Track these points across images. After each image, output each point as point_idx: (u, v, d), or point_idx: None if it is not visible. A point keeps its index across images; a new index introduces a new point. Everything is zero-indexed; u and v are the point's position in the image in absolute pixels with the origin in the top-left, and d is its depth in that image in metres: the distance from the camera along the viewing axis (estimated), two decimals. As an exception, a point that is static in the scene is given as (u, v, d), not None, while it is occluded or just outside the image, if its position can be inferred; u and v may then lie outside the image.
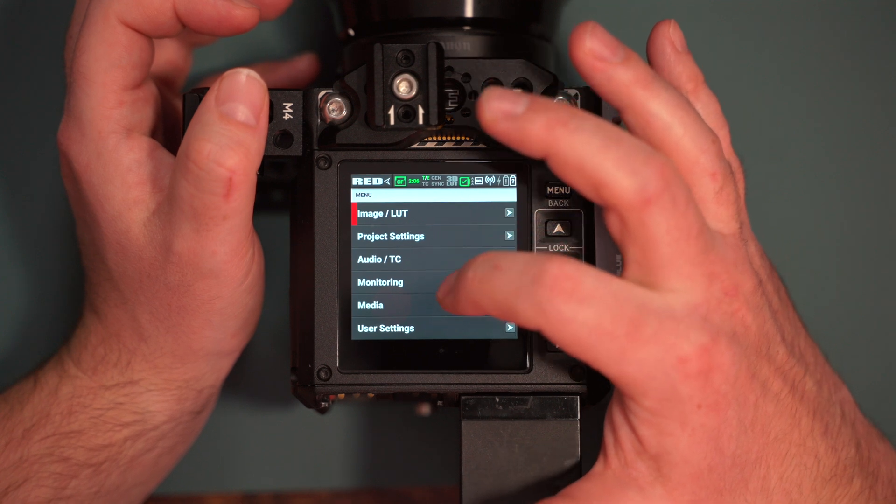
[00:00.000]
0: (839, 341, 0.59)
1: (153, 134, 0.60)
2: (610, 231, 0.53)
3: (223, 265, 0.57)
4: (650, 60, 0.57)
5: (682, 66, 0.57)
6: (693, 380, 0.52)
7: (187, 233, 0.57)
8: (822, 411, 0.56)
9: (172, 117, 0.63)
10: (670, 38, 0.57)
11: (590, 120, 0.52)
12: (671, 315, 0.52)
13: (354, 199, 0.59)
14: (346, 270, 0.58)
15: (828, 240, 0.71)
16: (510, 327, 0.58)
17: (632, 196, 0.52)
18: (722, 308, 0.53)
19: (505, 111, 0.53)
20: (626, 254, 0.53)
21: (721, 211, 0.55)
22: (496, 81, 0.58)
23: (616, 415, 0.54)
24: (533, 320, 0.52)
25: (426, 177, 0.59)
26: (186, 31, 0.59)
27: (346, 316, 0.58)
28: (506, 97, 0.53)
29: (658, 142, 0.54)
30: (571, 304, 0.51)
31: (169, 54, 0.65)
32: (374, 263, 0.58)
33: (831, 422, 0.56)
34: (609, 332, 0.52)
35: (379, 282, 0.58)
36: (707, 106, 0.57)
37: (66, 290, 0.70)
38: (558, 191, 0.58)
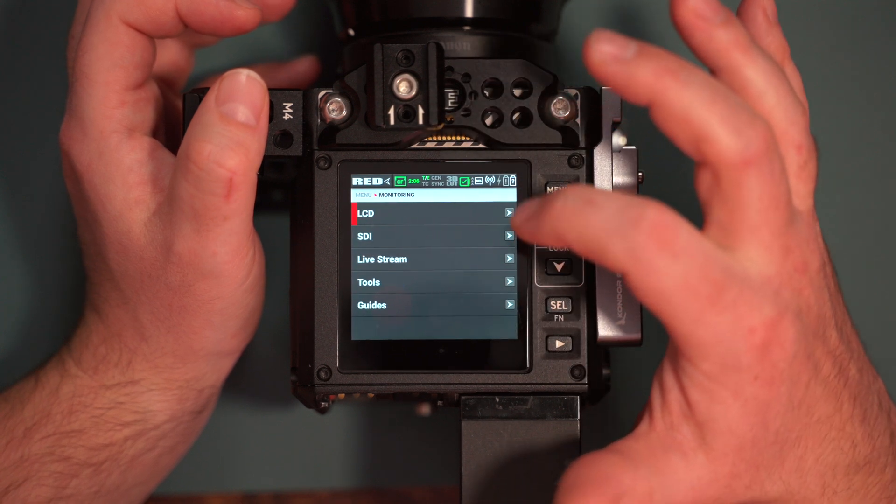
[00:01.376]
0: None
1: (154, 134, 0.60)
2: (698, 189, 0.53)
3: (224, 265, 0.57)
4: None
5: (772, 37, 0.56)
6: (756, 351, 0.52)
7: (188, 233, 0.57)
8: (862, 398, 0.56)
9: (174, 117, 0.63)
10: (763, 6, 0.56)
11: (698, 73, 0.52)
12: (749, 284, 0.52)
13: (354, 199, 0.59)
14: (346, 270, 0.58)
15: (827, 239, 0.71)
16: (510, 327, 0.58)
17: (733, 155, 0.51)
18: (792, 284, 0.53)
19: (613, 54, 0.52)
20: (710, 214, 0.53)
21: (801, 186, 0.54)
22: (496, 81, 0.58)
23: (667, 376, 0.54)
24: (623, 263, 0.51)
25: (426, 177, 0.59)
26: (188, 31, 0.59)
27: (346, 316, 0.58)
28: (615, 40, 0.52)
29: (751, 107, 0.53)
30: (665, 256, 0.51)
31: (171, 55, 0.65)
32: (374, 263, 0.58)
33: (869, 409, 0.56)
34: (694, 290, 0.51)
35: (379, 282, 0.58)
36: (792, 80, 0.56)
37: (68, 290, 0.70)
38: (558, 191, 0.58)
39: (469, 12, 0.60)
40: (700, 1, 0.53)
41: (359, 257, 0.58)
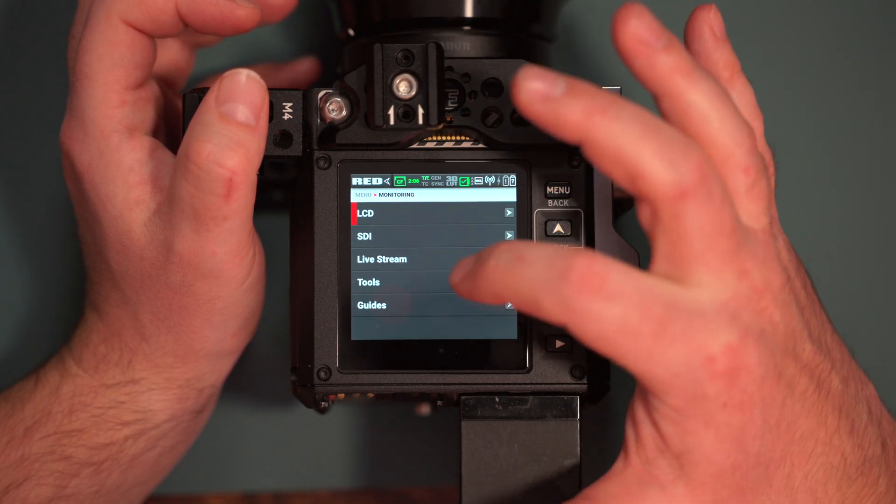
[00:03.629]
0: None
1: (155, 133, 0.60)
2: (641, 222, 0.53)
3: (224, 265, 0.57)
4: (688, 45, 0.56)
5: (719, 54, 0.56)
6: (720, 379, 0.52)
7: (187, 233, 0.57)
8: (848, 409, 0.55)
9: (174, 117, 0.63)
10: (710, 23, 0.56)
11: (629, 108, 0.51)
12: (700, 312, 0.52)
13: (354, 199, 0.59)
14: (346, 270, 0.58)
15: (827, 240, 0.71)
16: (510, 327, 0.58)
17: (668, 188, 0.51)
18: (751, 306, 0.53)
19: (542, 93, 0.51)
20: (655, 246, 0.52)
21: (752, 206, 0.54)
22: (496, 81, 0.58)
23: (639, 412, 0.53)
24: (558, 316, 0.51)
25: (426, 177, 0.59)
26: (189, 30, 0.59)
27: (346, 316, 0.58)
28: (543, 77, 0.51)
29: (694, 133, 0.53)
30: (598, 302, 0.51)
31: (171, 54, 0.65)
32: (373, 263, 0.58)
33: (857, 419, 0.56)
34: (636, 331, 0.51)
35: (379, 282, 0.58)
36: (742, 95, 0.56)
37: (68, 289, 0.70)
38: (558, 191, 0.58)
39: (469, 12, 0.60)
40: (641, 26, 0.52)
41: (359, 257, 0.58)
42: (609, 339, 0.51)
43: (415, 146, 0.59)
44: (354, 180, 0.59)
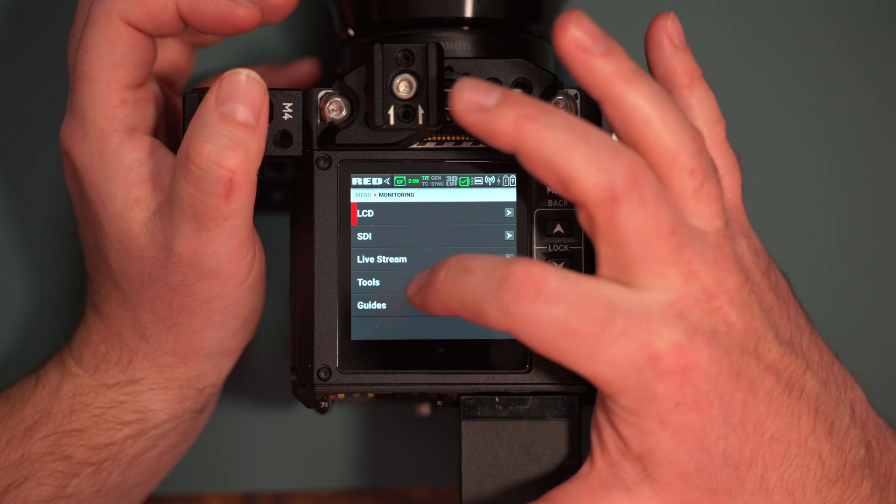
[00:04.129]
0: (837, 341, 0.59)
1: (155, 133, 0.60)
2: (581, 226, 0.53)
3: (224, 265, 0.57)
4: (647, 53, 0.57)
5: (677, 61, 0.56)
6: (668, 378, 0.52)
7: (188, 233, 0.57)
8: (826, 411, 0.55)
9: (174, 117, 0.63)
10: (668, 31, 0.56)
11: (559, 116, 0.52)
12: (643, 313, 0.52)
13: (354, 199, 0.59)
14: (346, 270, 0.58)
15: (827, 240, 0.71)
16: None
17: (599, 193, 0.52)
18: (700, 306, 0.53)
19: (476, 103, 0.52)
20: (598, 251, 0.53)
21: (702, 208, 0.54)
22: (496, 81, 0.58)
23: (599, 416, 0.54)
24: (501, 323, 0.52)
25: (426, 177, 0.59)
26: (189, 30, 0.59)
27: (346, 316, 0.58)
28: (478, 88, 0.52)
29: (638, 136, 0.53)
30: (536, 306, 0.51)
31: (172, 54, 0.65)
32: (373, 263, 0.58)
33: (837, 421, 0.55)
34: (575, 332, 0.51)
35: (379, 281, 0.58)
36: (702, 101, 0.57)
37: (68, 289, 0.70)
38: (558, 190, 0.58)
39: (469, 12, 0.60)
40: (580, 32, 0.52)
41: (359, 257, 0.58)
42: (550, 341, 0.52)
43: (415, 146, 0.59)
44: (354, 180, 0.59)
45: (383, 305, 0.58)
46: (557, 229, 0.58)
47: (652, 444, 0.53)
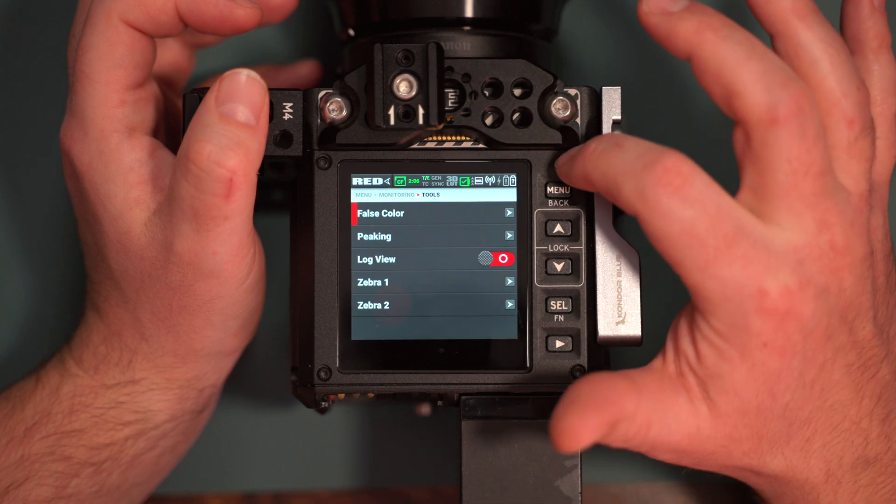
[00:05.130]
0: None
1: (155, 133, 0.60)
2: (735, 149, 0.53)
3: (224, 265, 0.57)
4: (843, 8, 0.57)
5: (871, 22, 0.56)
6: (766, 316, 0.52)
7: (188, 233, 0.57)
8: (888, 399, 0.56)
9: (174, 117, 0.63)
10: None
11: (740, 32, 0.53)
12: (767, 246, 0.52)
13: (354, 199, 0.59)
14: (346, 270, 0.58)
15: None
16: (510, 327, 0.58)
17: (761, 112, 0.52)
18: (823, 260, 0.53)
19: (662, 6, 0.53)
20: (743, 176, 0.53)
21: (852, 164, 0.54)
22: (496, 81, 0.58)
23: (682, 325, 0.54)
24: (633, 203, 0.52)
25: (426, 177, 0.59)
26: (189, 30, 0.59)
27: (346, 316, 0.58)
28: None
29: (803, 75, 0.53)
30: (675, 199, 0.52)
31: (172, 55, 0.65)
32: (374, 263, 0.58)
33: (895, 412, 0.56)
34: (700, 239, 0.52)
35: (379, 282, 0.58)
36: (885, 69, 0.57)
37: (68, 289, 0.70)
38: (558, 191, 0.58)
39: (469, 12, 0.60)
40: None
41: (359, 257, 0.58)
42: (673, 239, 0.52)
43: (415, 146, 0.59)
44: (354, 180, 0.59)
45: (383, 305, 0.58)
46: (557, 229, 0.58)
47: (725, 371, 0.53)
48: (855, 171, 0.54)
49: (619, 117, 0.58)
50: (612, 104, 0.58)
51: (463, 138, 0.59)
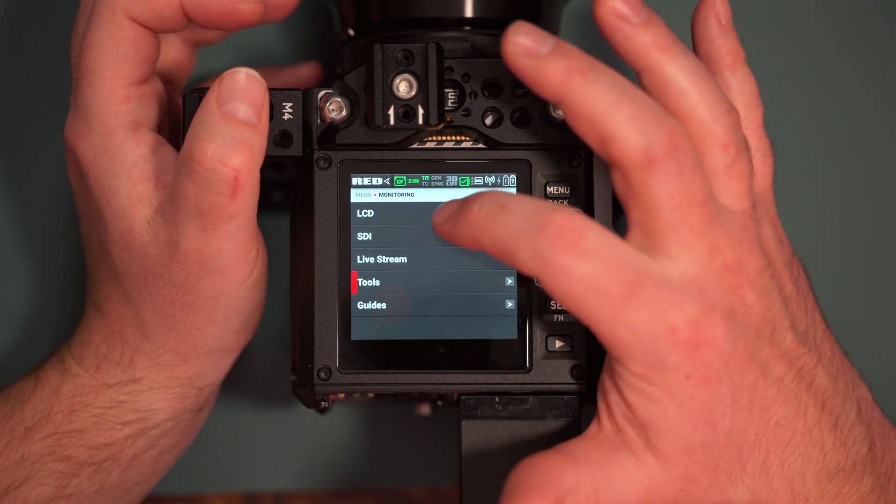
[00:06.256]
0: (844, 341, 0.59)
1: (159, 130, 0.60)
2: (615, 190, 0.53)
3: (229, 262, 0.57)
4: (693, 30, 0.57)
5: (722, 40, 0.56)
6: (681, 350, 0.52)
7: (193, 232, 0.57)
8: (833, 405, 0.55)
9: (175, 116, 0.63)
10: (716, 10, 0.56)
11: (609, 74, 0.52)
12: (667, 283, 0.52)
13: (354, 198, 0.59)
14: (345, 270, 0.58)
15: (826, 239, 0.71)
16: (510, 327, 0.58)
17: (637, 154, 0.52)
18: (721, 283, 0.53)
19: (528, 48, 0.52)
20: (629, 215, 0.53)
21: (732, 186, 0.54)
22: (496, 81, 0.58)
23: (606, 381, 0.54)
24: (531, 267, 0.52)
25: (426, 177, 0.59)
26: (191, 27, 0.59)
27: (346, 316, 0.58)
28: (532, 35, 0.53)
29: (673, 107, 0.53)
30: (572, 257, 0.51)
31: (174, 53, 0.65)
32: (373, 263, 0.58)
33: (843, 416, 0.56)
34: (604, 291, 0.52)
35: (379, 282, 0.58)
36: (743, 83, 0.57)
37: (69, 288, 0.70)
38: (558, 191, 0.58)
39: (469, 12, 0.60)
40: (619, 2, 0.53)
41: (359, 257, 0.58)
42: (578, 295, 0.52)
43: (415, 146, 0.59)
44: (354, 180, 0.59)
45: (383, 305, 0.58)
46: (557, 229, 0.58)
47: (657, 413, 0.53)
48: (736, 192, 0.54)
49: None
50: (612, 104, 0.58)
51: (463, 138, 0.59)
